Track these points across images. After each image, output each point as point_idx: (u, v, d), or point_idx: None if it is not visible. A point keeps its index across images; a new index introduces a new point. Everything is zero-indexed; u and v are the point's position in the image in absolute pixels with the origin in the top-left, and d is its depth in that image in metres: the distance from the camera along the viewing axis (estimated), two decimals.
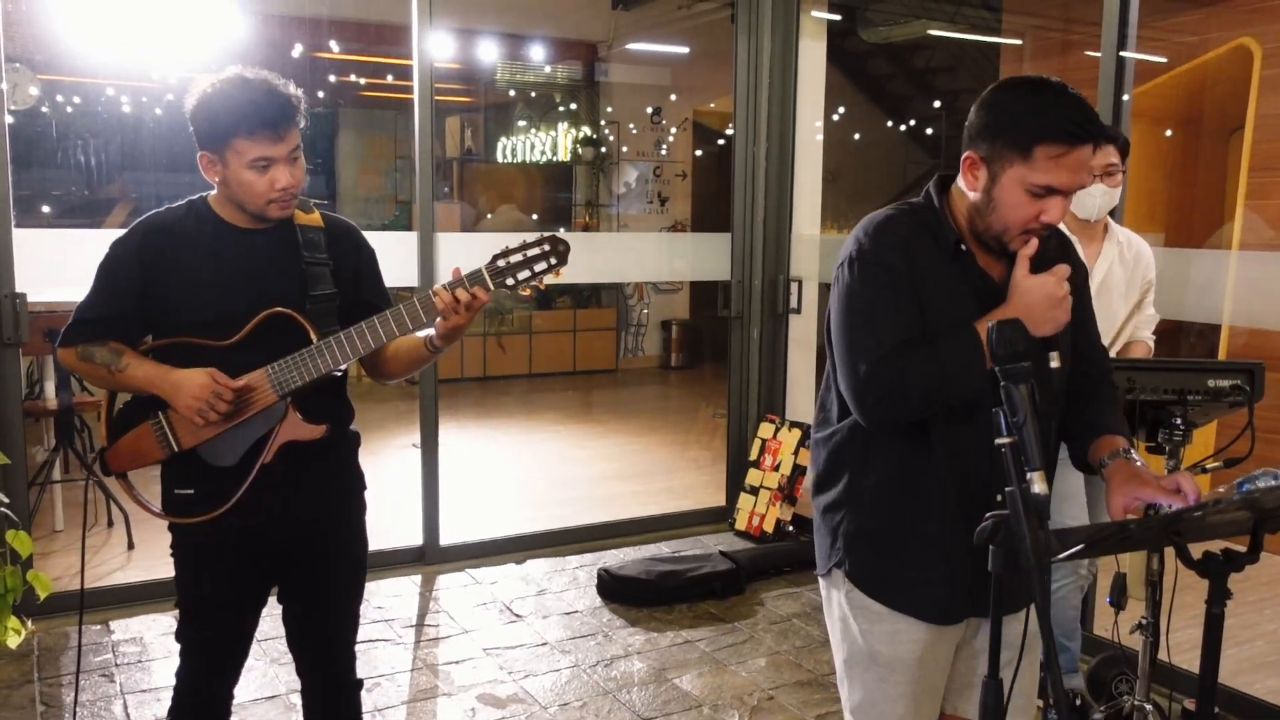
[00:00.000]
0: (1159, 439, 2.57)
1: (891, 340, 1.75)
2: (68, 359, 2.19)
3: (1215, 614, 1.78)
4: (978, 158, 1.76)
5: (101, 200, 8.46)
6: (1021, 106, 1.72)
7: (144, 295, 2.15)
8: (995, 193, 1.75)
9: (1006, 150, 1.72)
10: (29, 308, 3.89)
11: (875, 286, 1.80)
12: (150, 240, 2.16)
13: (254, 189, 2.10)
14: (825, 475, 1.97)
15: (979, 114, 1.77)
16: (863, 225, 1.88)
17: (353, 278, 2.28)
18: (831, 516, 1.96)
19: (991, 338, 1.54)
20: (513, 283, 2.09)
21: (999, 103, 1.76)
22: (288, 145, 2.10)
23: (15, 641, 2.42)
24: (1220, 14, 5.70)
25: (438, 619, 4.12)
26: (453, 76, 10.00)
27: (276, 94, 2.09)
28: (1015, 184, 1.71)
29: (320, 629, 2.37)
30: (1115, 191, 3.03)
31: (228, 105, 2.06)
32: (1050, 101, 1.70)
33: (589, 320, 10.49)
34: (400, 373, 2.33)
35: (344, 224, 2.35)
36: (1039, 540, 1.44)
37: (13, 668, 3.59)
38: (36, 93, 7.08)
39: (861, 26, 8.58)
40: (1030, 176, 1.70)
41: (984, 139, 1.75)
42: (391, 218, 10.38)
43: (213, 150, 2.10)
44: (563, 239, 2.11)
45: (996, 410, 1.49)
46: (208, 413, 2.08)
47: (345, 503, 2.36)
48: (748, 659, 3.80)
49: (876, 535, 1.90)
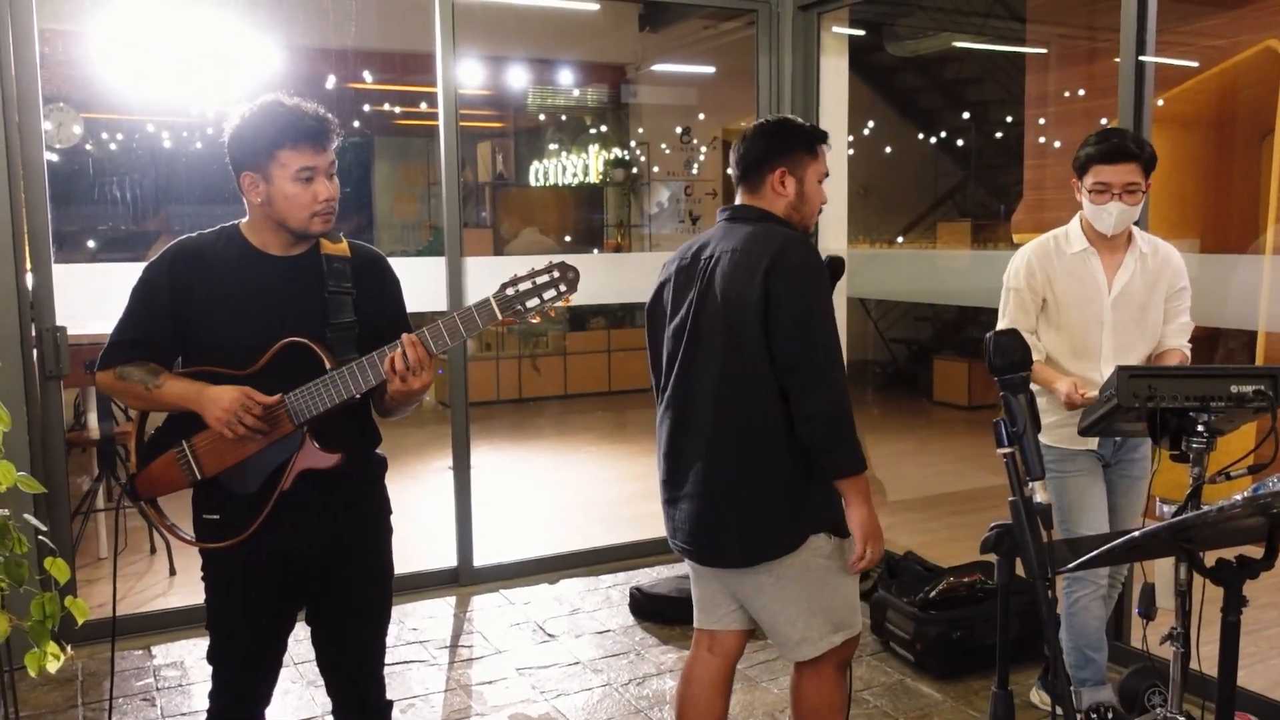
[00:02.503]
0: (1182, 447, 2.54)
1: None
2: (105, 380, 2.25)
3: (1231, 621, 1.76)
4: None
5: (141, 234, 8.64)
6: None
7: (174, 318, 2.22)
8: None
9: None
10: (70, 340, 4.00)
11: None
12: (180, 264, 2.23)
13: (299, 201, 2.16)
14: (790, 465, 2.34)
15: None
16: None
17: (376, 307, 2.31)
18: (793, 494, 2.36)
19: (989, 348, 1.55)
20: (521, 310, 2.11)
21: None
22: (328, 157, 2.18)
23: (55, 667, 2.47)
24: (1246, 17, 5.65)
25: (471, 639, 4.15)
26: (483, 103, 10.12)
27: (314, 109, 2.18)
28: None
29: (347, 653, 2.41)
30: (1133, 209, 2.99)
31: (272, 119, 2.14)
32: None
33: (623, 340, 10.52)
34: (393, 409, 2.31)
35: (370, 253, 2.39)
36: (1043, 549, 1.44)
37: (57, 693, 3.67)
38: (80, 131, 7.28)
39: (888, 41, 8.59)
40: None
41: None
42: (426, 243, 10.51)
43: (255, 168, 2.16)
44: (572, 266, 2.12)
45: (996, 420, 1.50)
46: (236, 425, 2.12)
47: (370, 527, 2.39)
48: (779, 675, 3.79)
49: (825, 492, 2.37)
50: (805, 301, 2.28)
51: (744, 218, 2.47)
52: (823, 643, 2.48)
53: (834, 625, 2.49)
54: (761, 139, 2.47)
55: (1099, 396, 2.30)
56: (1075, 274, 3.11)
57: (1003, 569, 1.50)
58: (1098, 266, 3.10)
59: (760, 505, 2.39)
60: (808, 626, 2.47)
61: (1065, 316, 3.13)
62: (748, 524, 2.41)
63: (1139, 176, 2.96)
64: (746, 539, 2.42)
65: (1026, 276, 3.15)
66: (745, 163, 2.48)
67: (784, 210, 2.45)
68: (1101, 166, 2.97)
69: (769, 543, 2.40)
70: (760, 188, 2.47)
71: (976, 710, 3.50)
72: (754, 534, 2.41)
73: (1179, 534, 1.59)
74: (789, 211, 2.46)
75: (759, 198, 2.48)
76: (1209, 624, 2.44)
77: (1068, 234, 3.16)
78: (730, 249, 2.41)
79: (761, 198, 2.47)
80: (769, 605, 2.48)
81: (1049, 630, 1.45)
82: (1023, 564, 1.44)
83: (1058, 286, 3.13)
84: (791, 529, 2.40)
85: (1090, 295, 3.09)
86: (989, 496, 6.14)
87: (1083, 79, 6.70)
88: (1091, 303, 3.09)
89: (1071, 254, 3.12)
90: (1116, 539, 1.59)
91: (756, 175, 2.47)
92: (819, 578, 2.43)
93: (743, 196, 2.52)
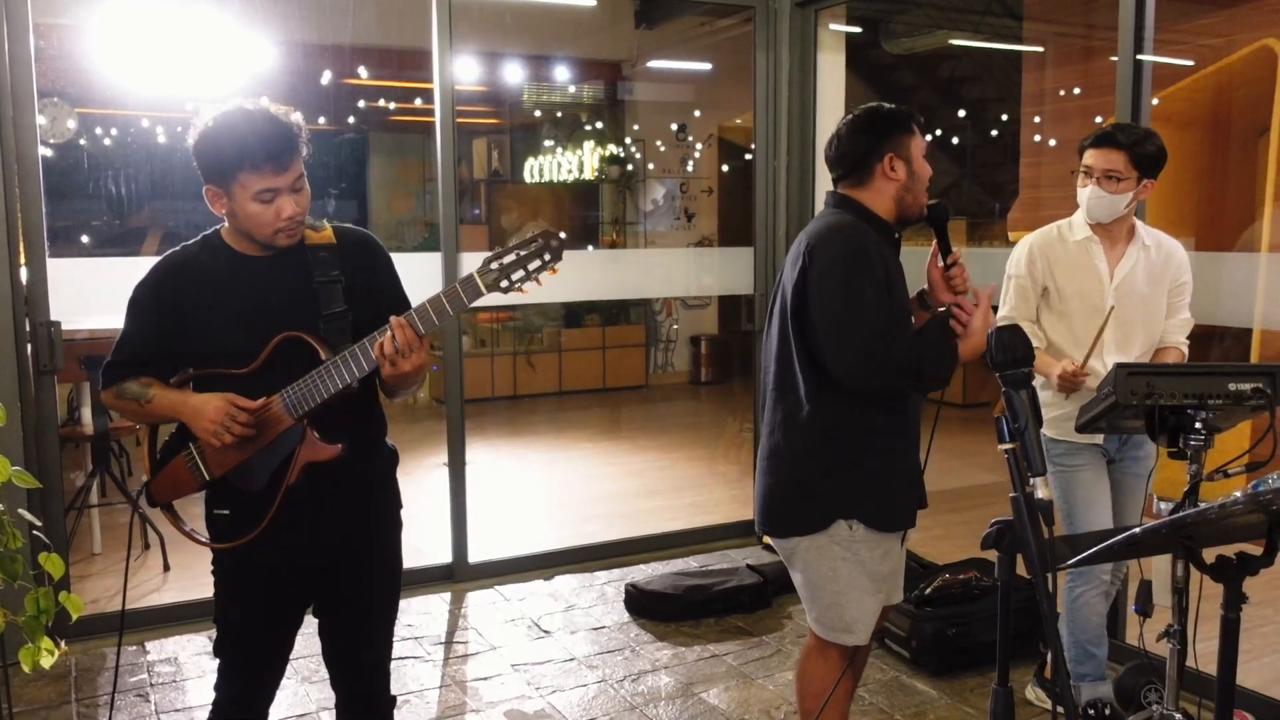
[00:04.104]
0: (1180, 444, 2.54)
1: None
2: (108, 400, 2.28)
3: (1231, 619, 1.76)
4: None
5: (135, 229, 8.61)
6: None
7: (167, 333, 2.22)
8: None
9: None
10: (65, 335, 3.98)
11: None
12: (166, 281, 2.23)
13: (260, 219, 2.13)
14: (813, 448, 2.45)
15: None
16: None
17: (368, 289, 2.28)
18: (827, 479, 2.44)
19: (990, 343, 1.55)
20: (508, 284, 2.07)
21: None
22: (291, 175, 2.13)
23: (49, 662, 2.47)
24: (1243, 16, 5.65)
25: (466, 636, 4.14)
26: (479, 99, 10.10)
27: (278, 125, 2.11)
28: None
29: (354, 646, 2.41)
30: (1112, 198, 3.01)
31: (231, 139, 2.09)
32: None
33: (618, 337, 10.51)
34: (399, 388, 2.28)
35: (357, 234, 2.35)
36: (1044, 545, 1.44)
37: (51, 688, 3.66)
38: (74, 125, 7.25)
39: (885, 38, 8.58)
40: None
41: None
42: (422, 240, 10.49)
43: (218, 184, 2.14)
44: (555, 233, 2.09)
45: (998, 416, 1.50)
46: (224, 435, 2.12)
47: (380, 520, 2.39)
48: (775, 672, 3.79)
49: (882, 479, 2.45)
50: (834, 293, 2.36)
51: (830, 204, 2.57)
52: (829, 635, 2.59)
53: (836, 625, 2.56)
54: (861, 133, 2.51)
55: (1098, 394, 2.30)
56: (1077, 262, 3.13)
57: (1004, 565, 1.49)
58: (1100, 255, 3.11)
59: (793, 483, 2.51)
60: (814, 607, 2.60)
61: (1067, 305, 3.14)
62: (776, 498, 2.55)
63: (1121, 165, 2.99)
64: (774, 512, 2.57)
65: (1028, 264, 3.18)
66: (850, 160, 2.52)
67: (896, 194, 2.49)
68: (1088, 150, 3.07)
69: (795, 519, 2.53)
70: (868, 180, 2.50)
71: (972, 707, 3.50)
72: (781, 509, 2.56)
73: (1180, 530, 1.59)
74: (901, 193, 2.50)
75: (864, 189, 2.52)
76: (1205, 621, 2.45)
77: (1071, 223, 3.18)
78: (803, 234, 2.52)
79: (868, 189, 2.51)
80: (796, 575, 2.61)
81: (1049, 627, 1.45)
82: (1024, 560, 1.44)
83: (1059, 274, 3.14)
84: (816, 510, 2.49)
85: (1092, 284, 3.11)
86: (984, 494, 6.14)
87: (1079, 77, 6.71)
88: (1093, 291, 3.11)
89: (1074, 242, 3.14)
90: (1117, 535, 1.59)
91: (864, 168, 2.50)
92: (833, 567, 2.50)
93: (844, 187, 2.57)
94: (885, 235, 2.49)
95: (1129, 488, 3.21)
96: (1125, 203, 3.02)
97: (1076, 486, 3.14)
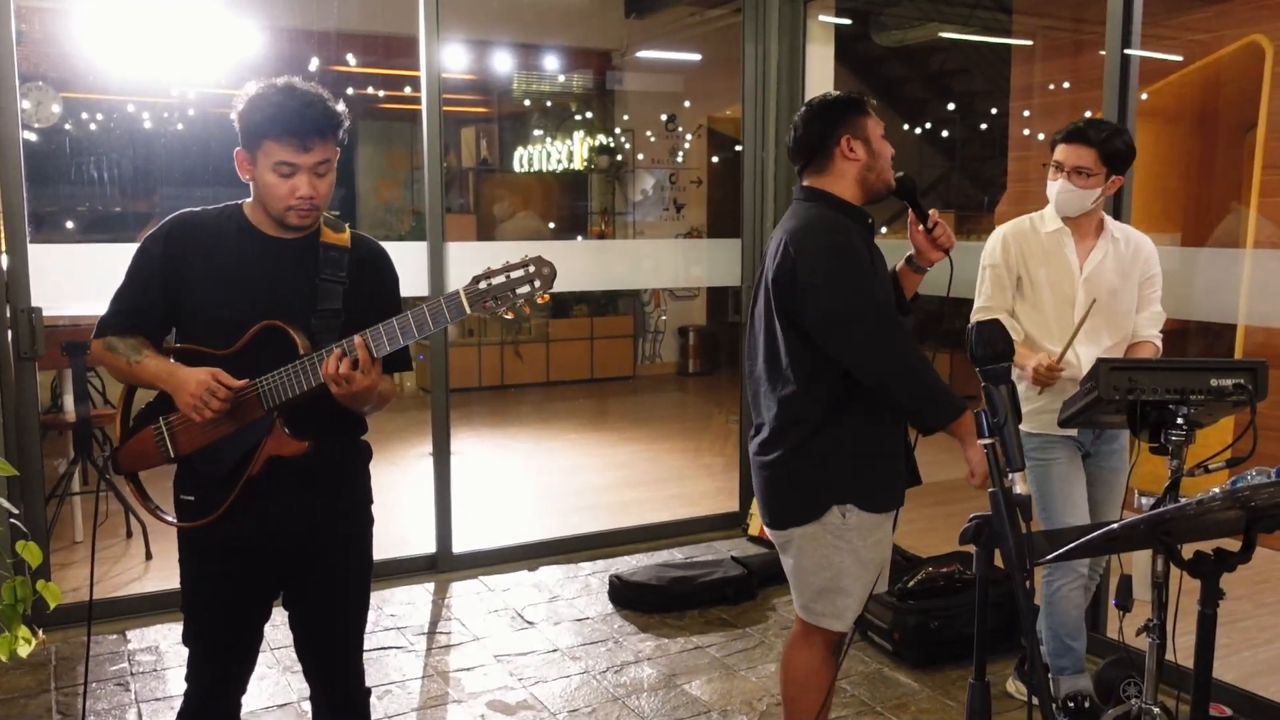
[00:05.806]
0: (1161, 439, 2.55)
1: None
2: (97, 350, 2.26)
3: (1208, 615, 1.77)
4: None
5: (119, 215, 8.55)
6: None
7: (167, 289, 2.21)
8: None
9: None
10: (46, 322, 3.95)
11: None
12: (177, 235, 2.22)
13: (275, 192, 2.14)
14: (804, 438, 2.45)
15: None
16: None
17: (368, 303, 2.26)
18: (820, 468, 2.46)
19: (971, 338, 1.55)
20: (493, 305, 2.06)
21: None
22: (314, 157, 2.13)
23: (26, 651, 2.44)
24: (1231, 11, 5.66)
25: (449, 626, 4.14)
26: (467, 88, 10.05)
27: (314, 106, 2.13)
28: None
29: (323, 640, 2.39)
30: (1080, 193, 3.05)
31: (265, 106, 2.12)
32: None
33: (606, 328, 10.50)
34: (354, 406, 2.20)
35: (373, 247, 2.37)
36: (1021, 541, 1.44)
37: (30, 677, 3.64)
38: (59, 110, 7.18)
39: (875, 30, 8.57)
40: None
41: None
42: (408, 229, 10.45)
43: (247, 148, 2.17)
44: (548, 262, 2.08)
45: (977, 411, 1.49)
46: (203, 410, 2.11)
47: (348, 516, 2.37)
48: (758, 664, 3.80)
49: (872, 461, 2.49)
50: (822, 282, 2.37)
51: (800, 199, 2.59)
52: (816, 620, 2.61)
53: (825, 611, 2.58)
54: (815, 120, 2.54)
55: (1080, 388, 2.31)
56: (1049, 253, 3.17)
57: (981, 560, 1.49)
58: (1070, 247, 3.14)
59: (786, 475, 2.52)
60: (803, 594, 2.62)
61: (1040, 295, 3.17)
62: (772, 492, 2.57)
63: (1090, 162, 3.03)
64: (771, 505, 2.59)
65: (1002, 253, 3.22)
66: (808, 147, 2.55)
67: (858, 175, 2.52)
68: (1060, 145, 3.11)
69: (791, 510, 2.55)
70: (829, 165, 2.53)
71: (953, 700, 3.51)
72: (777, 502, 2.58)
73: (1157, 526, 1.59)
74: (864, 173, 2.53)
75: (827, 175, 2.54)
76: (1185, 615, 2.46)
77: (1043, 215, 3.22)
78: (779, 229, 2.54)
79: (830, 173, 2.54)
80: (788, 560, 2.63)
81: (1026, 621, 1.45)
82: (1001, 555, 1.44)
83: (1032, 265, 3.18)
84: (811, 499, 2.51)
85: (1062, 275, 3.14)
86: (967, 487, 6.14)
87: (1068, 71, 6.71)
88: (1063, 282, 3.14)
89: (1046, 233, 3.18)
90: (1095, 531, 1.59)
91: (823, 154, 2.53)
92: (826, 555, 2.52)
93: (808, 178, 2.59)
94: (859, 221, 2.53)
95: (1105, 483, 3.22)
96: (1094, 198, 3.06)
97: (1051, 479, 3.16)
